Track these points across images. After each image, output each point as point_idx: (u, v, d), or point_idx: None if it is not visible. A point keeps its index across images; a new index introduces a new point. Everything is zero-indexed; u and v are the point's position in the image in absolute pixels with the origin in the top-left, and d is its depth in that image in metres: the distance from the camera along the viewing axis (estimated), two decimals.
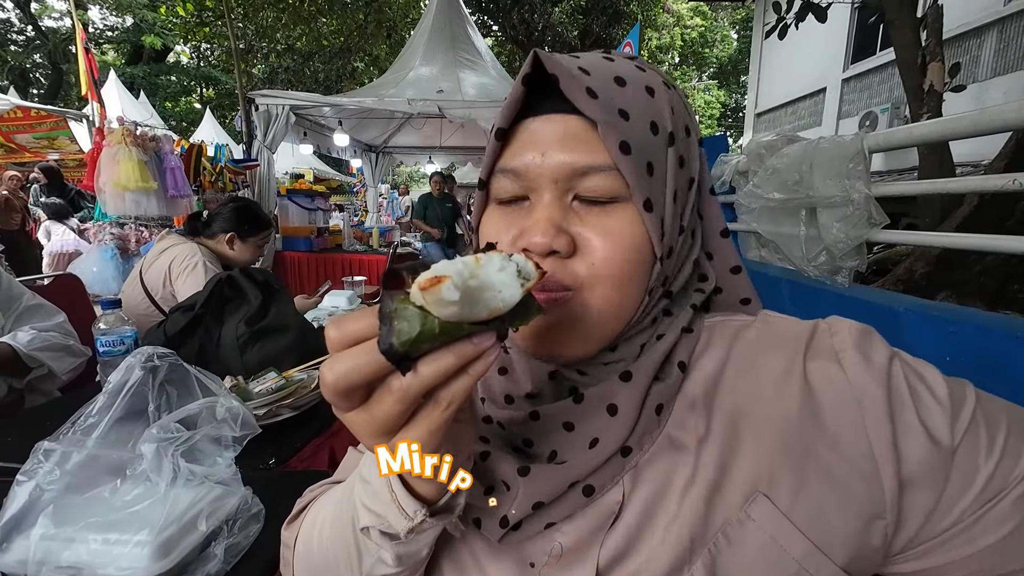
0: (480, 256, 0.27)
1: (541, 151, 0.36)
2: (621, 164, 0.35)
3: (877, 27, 6.02)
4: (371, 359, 0.25)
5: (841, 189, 1.79)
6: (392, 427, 0.27)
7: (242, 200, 1.91)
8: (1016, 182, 1.29)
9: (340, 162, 11.32)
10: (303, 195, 5.33)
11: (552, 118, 0.37)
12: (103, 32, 15.76)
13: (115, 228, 3.00)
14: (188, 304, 1.30)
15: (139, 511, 0.56)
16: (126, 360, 0.67)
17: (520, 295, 0.26)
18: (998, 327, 1.29)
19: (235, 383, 1.08)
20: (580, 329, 0.37)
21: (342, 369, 0.25)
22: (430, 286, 0.23)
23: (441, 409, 0.27)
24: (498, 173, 0.39)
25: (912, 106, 2.43)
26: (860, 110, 6.35)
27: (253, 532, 0.64)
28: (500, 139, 0.38)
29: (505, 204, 0.40)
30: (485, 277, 0.26)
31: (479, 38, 5.62)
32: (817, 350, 0.37)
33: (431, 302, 0.24)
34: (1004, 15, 4.73)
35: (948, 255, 1.94)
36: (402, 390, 0.26)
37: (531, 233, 0.36)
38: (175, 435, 0.60)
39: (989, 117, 1.36)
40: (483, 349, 0.26)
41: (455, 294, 0.24)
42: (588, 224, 0.37)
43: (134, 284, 1.73)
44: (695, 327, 0.41)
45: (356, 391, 0.26)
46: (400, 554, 0.35)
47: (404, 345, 0.24)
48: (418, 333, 0.24)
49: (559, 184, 0.37)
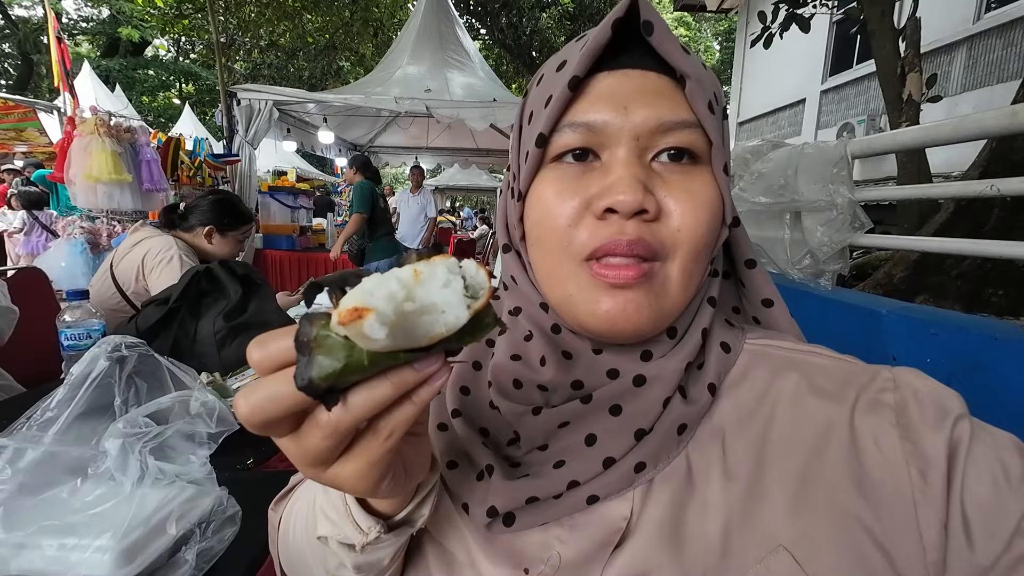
0: (421, 268, 0.22)
1: (624, 105, 0.33)
2: (706, 122, 0.34)
3: (854, 41, 6.21)
4: (289, 391, 0.21)
5: (825, 194, 1.82)
6: (324, 459, 0.24)
7: (222, 192, 1.84)
8: (993, 187, 1.33)
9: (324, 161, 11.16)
10: (285, 192, 5.22)
11: (631, 73, 0.34)
12: (77, 23, 15.26)
13: (85, 222, 2.87)
14: (162, 297, 1.24)
15: (101, 513, 0.52)
16: (91, 350, 0.62)
17: (467, 318, 0.22)
18: (977, 329, 1.32)
19: (212, 379, 1.02)
20: (661, 303, 0.34)
21: (257, 400, 0.22)
22: (349, 321, 0.19)
23: (381, 439, 0.24)
24: (566, 127, 0.35)
25: (891, 115, 2.50)
26: (838, 121, 6.53)
27: (228, 536, 0.59)
28: (574, 89, 0.34)
29: (566, 164, 0.36)
30: (425, 297, 0.21)
31: (467, 39, 5.61)
32: (872, 404, 0.32)
33: (353, 336, 0.20)
34: (973, 33, 4.93)
35: (926, 259, 1.99)
36: (330, 425, 0.22)
37: (615, 190, 0.32)
38: (143, 430, 0.56)
39: (969, 124, 1.40)
40: (427, 375, 0.23)
41: (381, 331, 0.19)
42: (671, 186, 0.34)
43: (104, 278, 1.64)
44: (734, 347, 0.38)
45: (276, 425, 0.23)
46: (359, 564, 0.33)
47: (326, 380, 0.20)
48: (342, 367, 0.20)
49: (640, 141, 0.34)
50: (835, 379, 0.35)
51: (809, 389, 0.35)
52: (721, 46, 18.84)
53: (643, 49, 0.34)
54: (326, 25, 10.43)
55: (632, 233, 0.32)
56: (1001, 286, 1.75)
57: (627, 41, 0.34)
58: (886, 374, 0.34)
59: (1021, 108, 1.24)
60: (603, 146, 0.35)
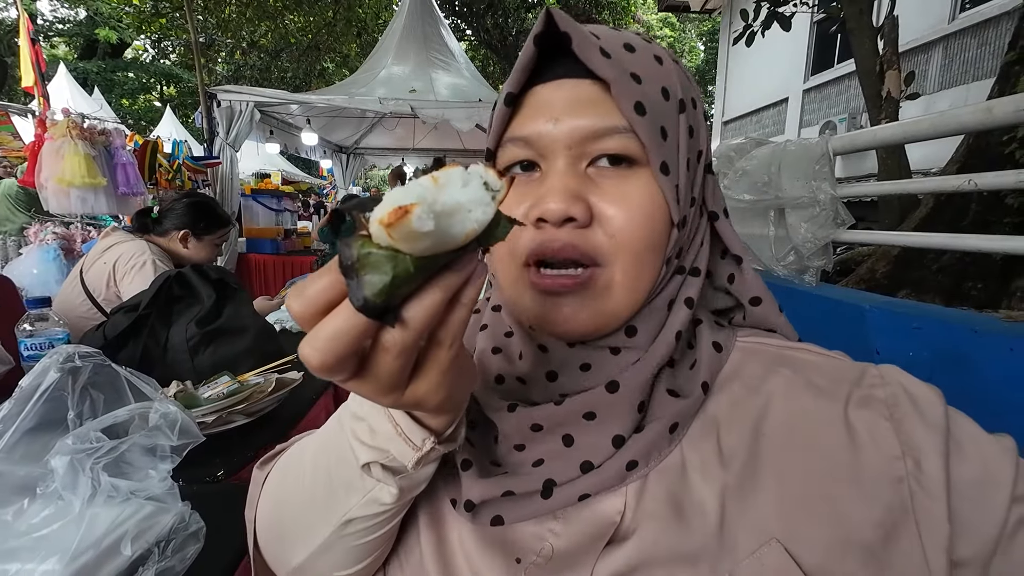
0: (438, 175, 0.22)
1: (554, 117, 0.35)
2: (636, 125, 0.34)
3: (835, 41, 6.31)
4: (350, 322, 0.21)
5: (808, 190, 1.83)
6: (400, 381, 0.25)
7: (197, 195, 1.79)
8: (971, 182, 1.34)
9: (310, 163, 11.04)
10: (269, 195, 5.14)
11: (563, 83, 0.35)
12: (53, 25, 14.90)
13: (58, 227, 2.78)
14: (132, 304, 1.19)
15: (47, 535, 0.48)
16: (41, 361, 0.58)
17: (494, 210, 0.23)
18: (958, 322, 1.33)
19: (181, 388, 0.99)
20: (599, 306, 0.35)
21: (322, 343, 0.21)
22: (396, 220, 0.19)
23: (446, 348, 0.25)
24: (507, 143, 0.37)
25: (871, 112, 2.53)
26: (820, 119, 6.63)
27: (191, 554, 0.56)
28: (510, 105, 0.37)
29: (515, 174, 0.38)
30: (450, 199, 0.22)
31: (452, 39, 5.58)
32: (864, 400, 0.34)
33: (399, 239, 0.20)
34: (949, 32, 5.03)
35: (907, 254, 2.01)
36: (397, 345, 0.23)
37: (546, 200, 0.34)
38: (94, 445, 0.52)
39: (947, 120, 1.42)
40: (469, 273, 0.24)
41: (430, 223, 0.20)
42: (605, 191, 0.35)
43: (73, 284, 1.59)
44: (725, 345, 0.39)
45: (347, 361, 0.22)
46: (403, 487, 0.33)
47: (380, 296, 0.20)
48: (391, 279, 0.20)
49: (572, 150, 0.35)
50: (827, 375, 0.35)
51: (803, 385, 0.35)
52: (705, 47, 19.03)
53: (574, 57, 0.35)
54: (308, 25, 10.31)
55: (563, 239, 0.34)
56: (980, 279, 1.78)
57: (559, 52, 0.35)
58: (873, 371, 0.35)
59: (997, 103, 1.25)
60: (543, 157, 0.36)
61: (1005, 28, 4.44)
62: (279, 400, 1.07)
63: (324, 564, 0.38)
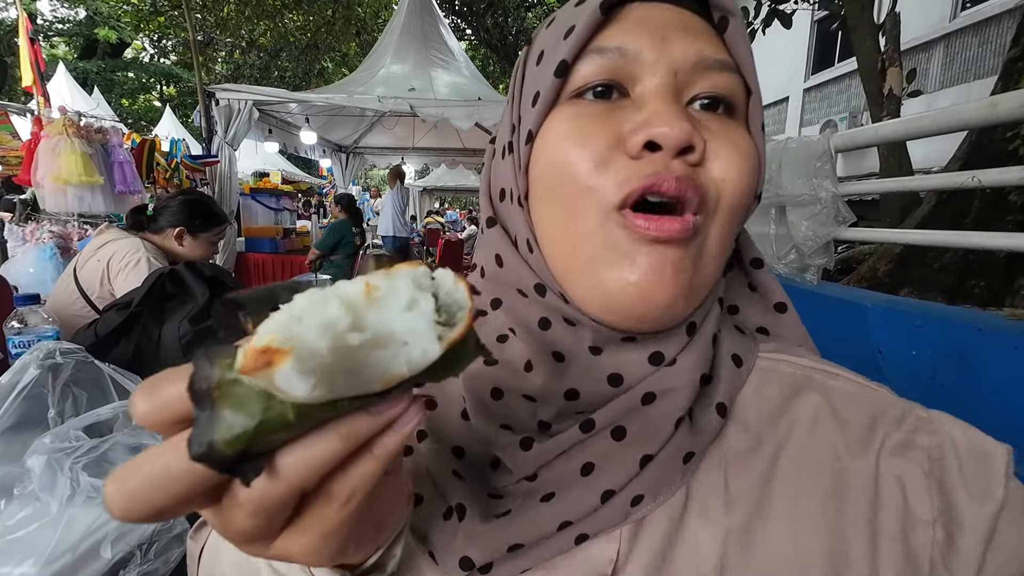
0: (377, 282, 0.16)
1: (661, 35, 0.29)
2: (747, 68, 0.30)
3: (835, 40, 6.30)
4: (182, 467, 0.15)
5: (809, 188, 1.81)
6: (260, 536, 0.18)
7: (193, 193, 1.78)
8: (975, 179, 1.33)
9: (309, 162, 11.02)
10: (267, 194, 5.13)
11: (664, 7, 0.30)
12: (53, 25, 14.90)
13: (55, 226, 2.77)
14: (124, 301, 1.18)
15: (22, 537, 0.47)
16: (21, 358, 0.57)
17: (438, 352, 0.16)
18: (961, 321, 1.32)
19: None
20: (696, 272, 0.28)
21: (137, 488, 0.15)
22: (253, 369, 0.14)
23: (337, 505, 0.18)
24: (593, 52, 0.29)
25: (873, 110, 2.51)
26: (820, 118, 6.62)
27: (175, 557, 0.54)
28: (606, 12, 0.29)
29: (586, 101, 0.30)
30: (380, 324, 0.16)
31: (452, 38, 5.57)
32: (902, 445, 0.28)
33: (268, 387, 0.14)
34: (950, 31, 5.02)
35: (909, 252, 2.00)
36: (253, 502, 0.16)
37: (654, 123, 0.27)
38: (74, 444, 0.51)
39: (949, 116, 1.40)
40: (391, 419, 0.17)
41: (301, 384, 0.14)
42: (713, 133, 0.28)
43: (67, 282, 1.58)
44: (746, 360, 0.32)
45: (169, 512, 0.16)
46: None
47: (232, 445, 0.14)
48: (256, 425, 0.15)
49: (679, 77, 0.29)
50: (862, 410, 0.30)
51: (831, 418, 0.30)
52: None
53: None
54: (308, 24, 10.31)
55: (677, 170, 0.27)
56: (983, 277, 1.76)
57: None
58: (922, 413, 0.29)
59: (1001, 99, 1.23)
60: (634, 79, 0.29)
61: (1006, 26, 4.43)
62: None
63: None
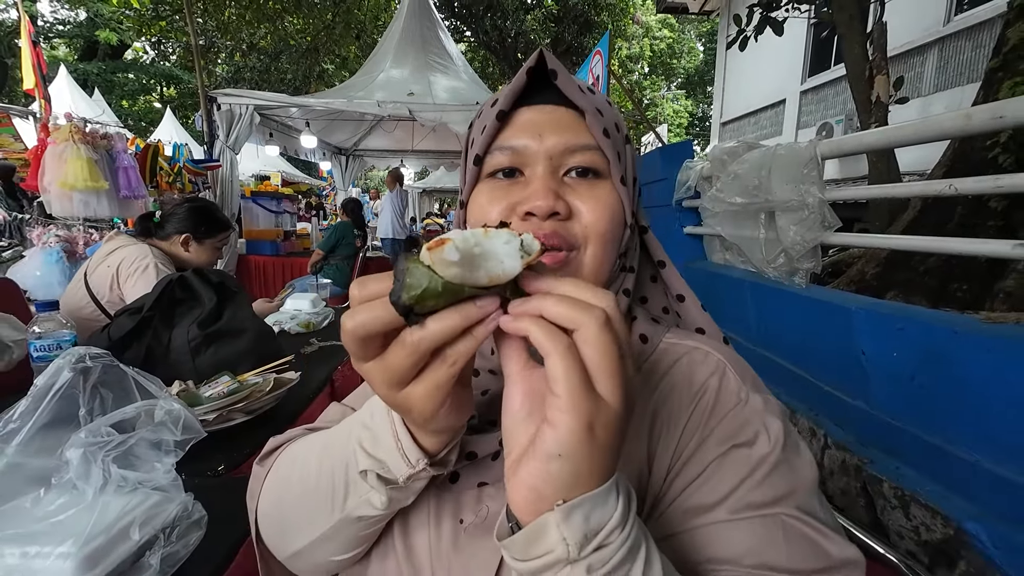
0: (490, 229, 0.29)
1: (538, 133, 0.44)
2: (604, 145, 0.44)
3: (831, 43, 6.34)
4: (384, 311, 0.27)
5: (797, 194, 1.85)
6: (403, 378, 0.29)
7: (199, 200, 1.83)
8: (952, 187, 1.38)
9: (309, 165, 11.06)
10: (268, 197, 5.18)
11: (544, 108, 0.45)
12: (54, 26, 14.94)
13: (61, 230, 2.82)
14: (135, 307, 1.23)
15: (63, 521, 0.52)
16: (55, 361, 0.62)
17: (520, 267, 0.28)
18: (940, 323, 1.36)
19: (184, 388, 1.02)
20: None
21: (361, 318, 0.28)
22: (435, 246, 0.26)
23: (447, 365, 0.29)
24: (496, 150, 0.46)
25: (862, 117, 2.56)
26: (817, 121, 6.66)
27: (193, 540, 0.60)
28: (501, 120, 0.45)
29: (497, 179, 0.46)
30: (490, 246, 0.28)
31: (450, 42, 5.62)
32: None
33: (435, 261, 0.26)
34: (944, 34, 5.06)
35: (895, 256, 2.05)
36: (413, 343, 0.28)
37: (534, 198, 0.42)
38: (105, 439, 0.56)
39: (929, 126, 1.45)
40: (486, 313, 0.28)
41: (455, 255, 0.26)
42: (579, 194, 0.44)
43: (78, 287, 1.63)
44: (651, 338, 0.47)
45: (372, 340, 0.28)
46: (392, 498, 0.37)
47: (411, 299, 0.26)
48: (423, 289, 0.26)
49: (553, 160, 0.44)
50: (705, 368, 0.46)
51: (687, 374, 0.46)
52: (704, 47, 19.07)
53: (554, 89, 0.45)
54: (308, 27, 10.35)
55: (548, 228, 0.42)
56: (965, 280, 1.81)
57: (542, 83, 0.45)
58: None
59: (975, 111, 1.29)
60: (525, 165, 0.45)
61: (999, 31, 4.47)
62: (277, 399, 1.11)
63: (322, 551, 0.43)
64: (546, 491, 0.28)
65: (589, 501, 0.28)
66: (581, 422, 0.27)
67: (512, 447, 0.30)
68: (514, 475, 0.30)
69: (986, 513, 1.13)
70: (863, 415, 1.55)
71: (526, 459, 0.29)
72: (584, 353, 0.28)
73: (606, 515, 0.29)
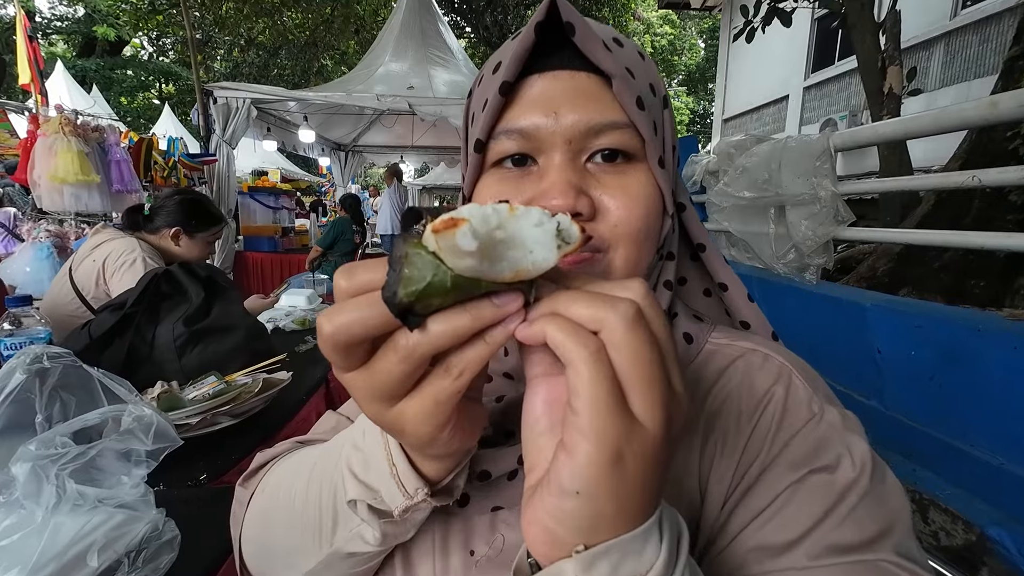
0: (516, 206, 0.22)
1: (553, 110, 0.34)
2: (638, 119, 0.34)
3: (835, 38, 6.27)
4: (375, 310, 0.21)
5: (809, 187, 1.79)
6: (394, 391, 0.23)
7: (189, 192, 1.77)
8: (975, 178, 1.32)
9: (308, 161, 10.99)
10: (266, 193, 5.12)
11: (560, 75, 0.35)
12: (51, 22, 14.83)
13: (52, 225, 2.76)
14: (118, 302, 1.17)
15: (7, 547, 0.46)
16: (8, 362, 0.56)
17: (555, 259, 0.21)
18: (961, 321, 1.31)
19: (165, 389, 0.96)
20: None
21: (342, 320, 0.21)
22: (443, 228, 0.19)
23: (452, 378, 0.22)
24: (501, 135, 0.36)
25: (873, 109, 2.50)
26: (820, 117, 6.60)
27: (165, 563, 0.54)
28: (505, 94, 0.35)
29: (505, 168, 0.37)
30: (516, 230, 0.21)
31: (451, 36, 5.54)
32: None
33: (444, 248, 0.19)
34: (950, 29, 4.99)
35: (909, 252, 1.99)
36: (407, 348, 0.21)
37: (549, 196, 0.33)
38: (60, 451, 0.50)
39: (949, 115, 1.39)
40: (505, 314, 0.22)
41: (471, 243, 0.19)
42: (606, 185, 0.35)
43: (62, 282, 1.57)
44: (697, 338, 0.40)
45: (356, 346, 0.22)
46: (387, 533, 0.31)
47: (410, 295, 0.20)
48: (426, 284, 0.20)
49: (573, 144, 0.35)
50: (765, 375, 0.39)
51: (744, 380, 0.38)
52: (706, 44, 18.96)
53: (572, 49, 0.35)
54: (306, 22, 10.27)
55: None
56: (983, 277, 1.75)
57: (556, 42, 0.35)
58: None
59: (1001, 98, 1.22)
60: (539, 151, 0.36)
61: (1007, 25, 4.41)
62: (267, 401, 1.05)
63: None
64: (561, 533, 0.22)
65: (618, 549, 0.22)
66: (605, 450, 0.20)
67: (532, 466, 0.24)
68: (528, 505, 0.23)
69: (1011, 518, 1.09)
70: (878, 416, 1.50)
71: (541, 490, 0.22)
72: (613, 359, 0.21)
73: (642, 566, 0.22)
